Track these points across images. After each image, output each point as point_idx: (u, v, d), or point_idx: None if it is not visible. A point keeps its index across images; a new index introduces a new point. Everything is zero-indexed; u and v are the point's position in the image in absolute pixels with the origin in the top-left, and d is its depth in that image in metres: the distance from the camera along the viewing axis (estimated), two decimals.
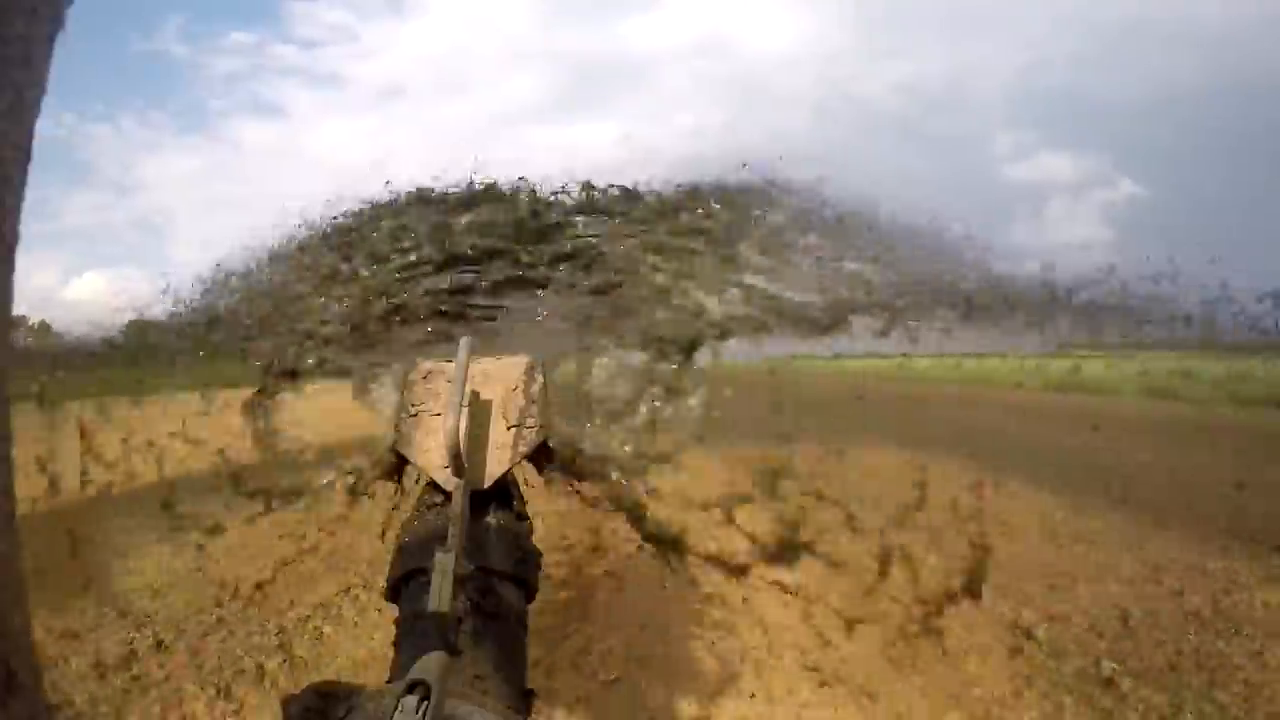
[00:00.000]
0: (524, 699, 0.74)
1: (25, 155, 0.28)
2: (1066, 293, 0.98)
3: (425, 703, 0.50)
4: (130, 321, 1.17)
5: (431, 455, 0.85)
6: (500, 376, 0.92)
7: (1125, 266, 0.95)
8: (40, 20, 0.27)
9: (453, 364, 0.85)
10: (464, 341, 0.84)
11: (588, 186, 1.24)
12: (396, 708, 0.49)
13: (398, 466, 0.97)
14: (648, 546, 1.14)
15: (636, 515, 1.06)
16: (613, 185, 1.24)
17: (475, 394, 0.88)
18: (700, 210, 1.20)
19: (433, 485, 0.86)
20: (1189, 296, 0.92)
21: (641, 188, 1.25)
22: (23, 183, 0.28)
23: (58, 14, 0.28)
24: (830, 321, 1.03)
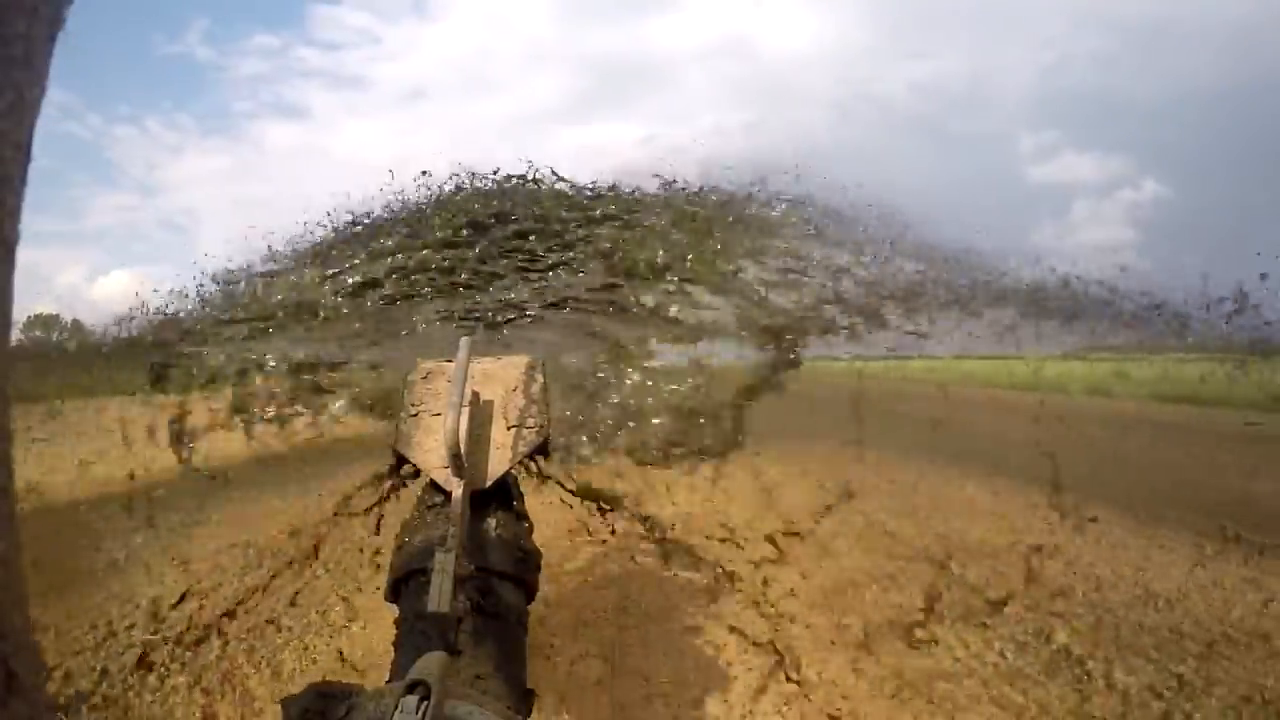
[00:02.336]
0: (524, 699, 0.73)
1: (25, 155, 0.28)
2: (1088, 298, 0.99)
3: (425, 703, 0.49)
4: (162, 320, 1.18)
5: (431, 455, 0.85)
6: (500, 376, 0.92)
7: (1154, 274, 0.96)
8: (40, 20, 0.27)
9: (453, 364, 0.84)
10: (464, 341, 0.84)
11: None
12: (396, 708, 0.49)
13: (398, 466, 0.96)
14: None
15: None
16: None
17: (475, 394, 0.88)
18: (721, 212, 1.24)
19: (433, 485, 0.86)
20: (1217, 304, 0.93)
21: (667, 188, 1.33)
22: (23, 182, 0.28)
23: (58, 14, 0.28)
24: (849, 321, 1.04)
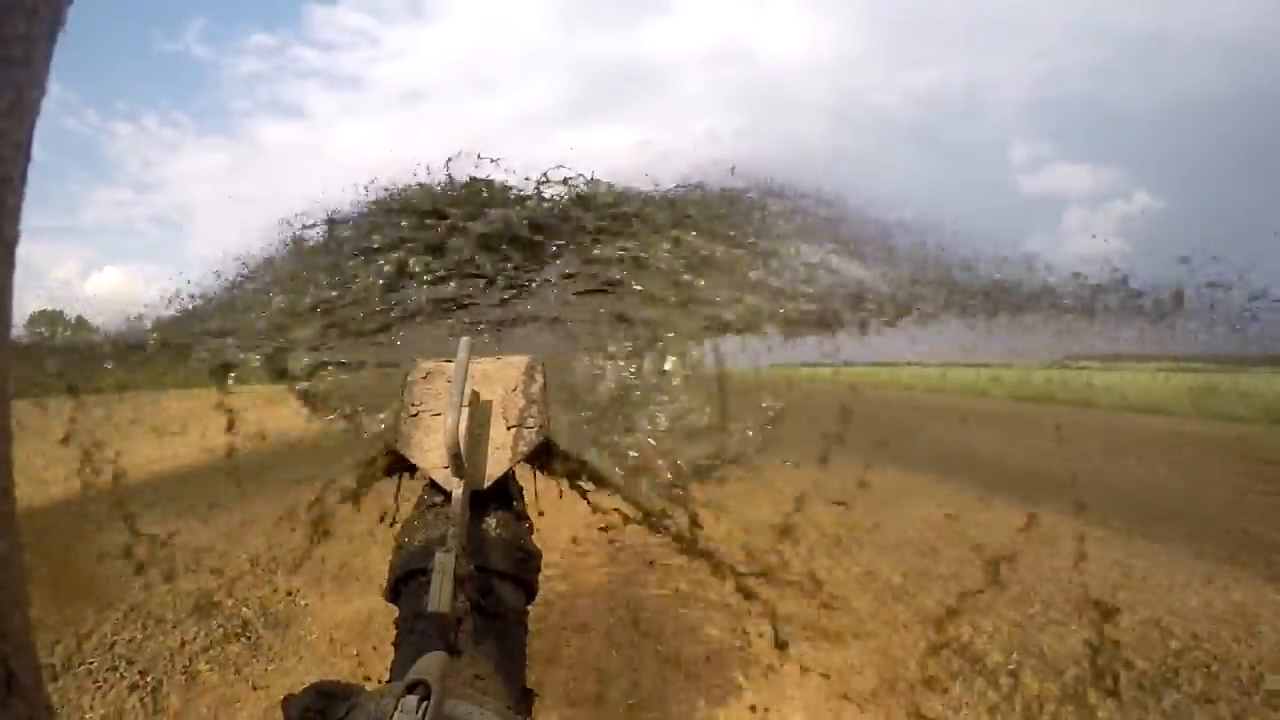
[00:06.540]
0: (524, 699, 0.73)
1: (25, 155, 0.28)
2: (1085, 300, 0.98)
3: (425, 703, 0.50)
4: (162, 320, 1.18)
5: (431, 455, 0.85)
6: (500, 376, 0.92)
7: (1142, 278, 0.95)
8: (40, 20, 0.27)
9: (453, 364, 0.85)
10: (464, 341, 0.84)
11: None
12: (396, 708, 0.49)
13: (397, 466, 0.97)
14: None
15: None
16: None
17: (475, 394, 0.88)
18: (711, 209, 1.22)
19: (433, 485, 0.86)
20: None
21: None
22: (23, 182, 0.28)
23: (58, 14, 0.28)
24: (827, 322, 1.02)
